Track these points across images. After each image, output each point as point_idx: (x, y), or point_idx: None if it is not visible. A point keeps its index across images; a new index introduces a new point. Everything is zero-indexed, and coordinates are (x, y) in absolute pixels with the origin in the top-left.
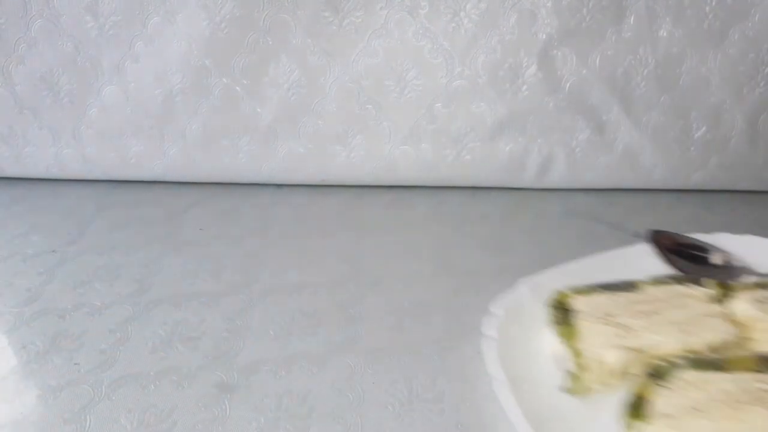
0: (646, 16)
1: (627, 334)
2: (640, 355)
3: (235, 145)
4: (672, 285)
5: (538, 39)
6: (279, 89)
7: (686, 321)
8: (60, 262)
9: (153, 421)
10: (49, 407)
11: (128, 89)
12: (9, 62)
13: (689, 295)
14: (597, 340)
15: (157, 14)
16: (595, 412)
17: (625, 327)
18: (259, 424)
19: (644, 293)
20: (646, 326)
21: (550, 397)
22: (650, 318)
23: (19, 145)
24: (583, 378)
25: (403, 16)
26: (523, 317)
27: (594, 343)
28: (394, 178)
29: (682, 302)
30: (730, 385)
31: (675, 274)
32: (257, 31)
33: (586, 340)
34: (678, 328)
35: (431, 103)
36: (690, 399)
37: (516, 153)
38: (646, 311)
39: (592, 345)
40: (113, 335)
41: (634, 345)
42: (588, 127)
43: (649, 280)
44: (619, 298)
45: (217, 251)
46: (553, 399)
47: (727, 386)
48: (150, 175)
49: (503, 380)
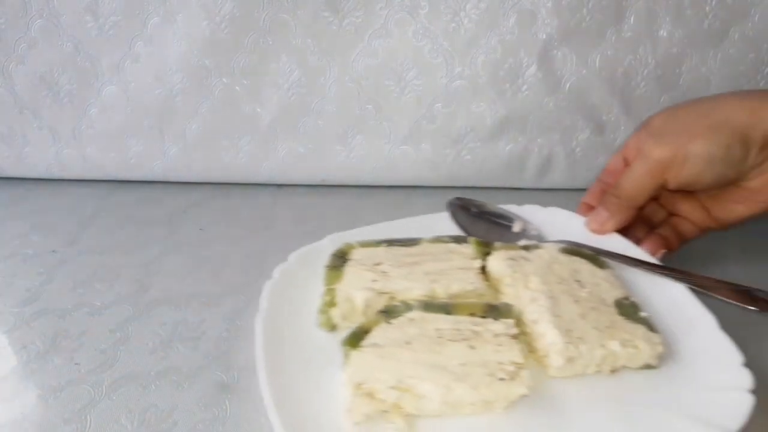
0: (646, 16)
1: (382, 279)
2: (384, 297)
3: (235, 145)
4: (448, 243)
5: (538, 39)
6: (279, 89)
7: (440, 272)
8: (60, 262)
9: (153, 421)
10: (50, 407)
11: (128, 89)
12: (9, 62)
13: (456, 252)
14: (355, 282)
15: (157, 14)
16: (335, 344)
17: (384, 274)
18: (260, 423)
19: (420, 248)
20: (403, 274)
21: (302, 330)
22: (410, 268)
23: (19, 145)
24: (329, 314)
25: (403, 16)
26: (309, 264)
27: (350, 285)
28: (394, 178)
29: (447, 257)
30: (446, 324)
31: (457, 235)
32: (257, 31)
33: (346, 282)
34: (429, 278)
35: (431, 103)
36: (404, 333)
37: (516, 153)
38: (409, 262)
39: (347, 286)
40: (113, 335)
41: (384, 288)
42: (588, 127)
43: (430, 239)
44: (394, 251)
45: (217, 251)
46: (303, 333)
47: (443, 325)
48: (150, 175)
49: (263, 312)
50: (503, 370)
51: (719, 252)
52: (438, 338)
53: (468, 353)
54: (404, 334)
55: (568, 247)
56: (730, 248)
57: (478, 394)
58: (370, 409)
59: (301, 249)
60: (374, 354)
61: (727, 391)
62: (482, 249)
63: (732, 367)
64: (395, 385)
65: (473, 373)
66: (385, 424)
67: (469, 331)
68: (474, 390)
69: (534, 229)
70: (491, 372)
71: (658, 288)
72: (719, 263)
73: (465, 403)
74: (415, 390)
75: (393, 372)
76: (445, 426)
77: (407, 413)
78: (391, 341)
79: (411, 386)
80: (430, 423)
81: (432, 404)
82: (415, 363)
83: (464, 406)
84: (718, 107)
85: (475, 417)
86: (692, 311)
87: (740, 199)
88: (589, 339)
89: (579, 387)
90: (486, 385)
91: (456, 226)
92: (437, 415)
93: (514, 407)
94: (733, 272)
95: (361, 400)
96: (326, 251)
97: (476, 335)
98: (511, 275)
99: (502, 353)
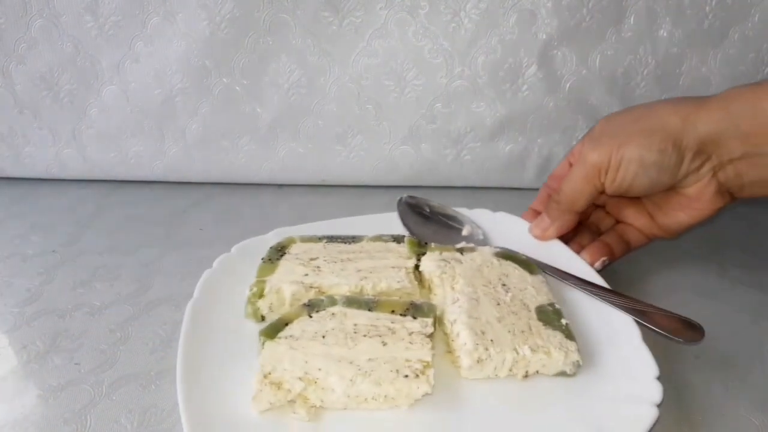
0: (646, 16)
1: (313, 274)
2: (312, 291)
3: (235, 145)
4: (387, 242)
5: (538, 39)
6: (279, 89)
7: (371, 269)
8: (60, 262)
9: (153, 421)
10: (50, 407)
11: (128, 89)
12: (9, 62)
13: (394, 250)
14: (286, 276)
15: (157, 14)
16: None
17: (317, 269)
18: None
19: (358, 246)
20: (335, 270)
21: (229, 320)
22: (343, 264)
23: (19, 145)
24: (256, 305)
25: (403, 16)
26: (250, 256)
27: (281, 278)
28: (394, 178)
29: (382, 255)
30: (365, 320)
31: (397, 234)
32: (257, 31)
33: (277, 275)
34: (360, 275)
35: (431, 103)
36: (322, 327)
37: (516, 153)
38: (343, 259)
39: (278, 279)
40: (113, 335)
41: (313, 283)
42: (588, 127)
43: (371, 237)
44: (333, 247)
45: (217, 251)
46: (231, 322)
47: (361, 321)
48: (150, 175)
49: (194, 300)
50: (410, 367)
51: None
52: (354, 333)
53: (379, 349)
54: (321, 327)
55: (503, 251)
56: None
57: (381, 389)
58: (276, 398)
59: (245, 241)
60: (287, 345)
61: (634, 403)
62: (417, 249)
63: (645, 380)
64: (302, 376)
65: (379, 368)
66: (290, 413)
67: (385, 328)
68: (377, 385)
69: (481, 234)
70: (397, 368)
71: (587, 297)
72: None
73: (368, 398)
74: (321, 382)
75: (301, 363)
76: (349, 419)
77: (312, 405)
78: (307, 334)
79: (317, 378)
80: (336, 415)
81: (336, 397)
82: (324, 356)
83: (368, 401)
84: (653, 113)
85: (380, 412)
86: (618, 321)
87: (680, 207)
88: (501, 342)
89: (489, 390)
90: (390, 381)
91: (401, 224)
92: (342, 407)
93: (419, 405)
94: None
95: (267, 389)
96: (269, 244)
97: (391, 332)
98: (440, 276)
99: (412, 351)
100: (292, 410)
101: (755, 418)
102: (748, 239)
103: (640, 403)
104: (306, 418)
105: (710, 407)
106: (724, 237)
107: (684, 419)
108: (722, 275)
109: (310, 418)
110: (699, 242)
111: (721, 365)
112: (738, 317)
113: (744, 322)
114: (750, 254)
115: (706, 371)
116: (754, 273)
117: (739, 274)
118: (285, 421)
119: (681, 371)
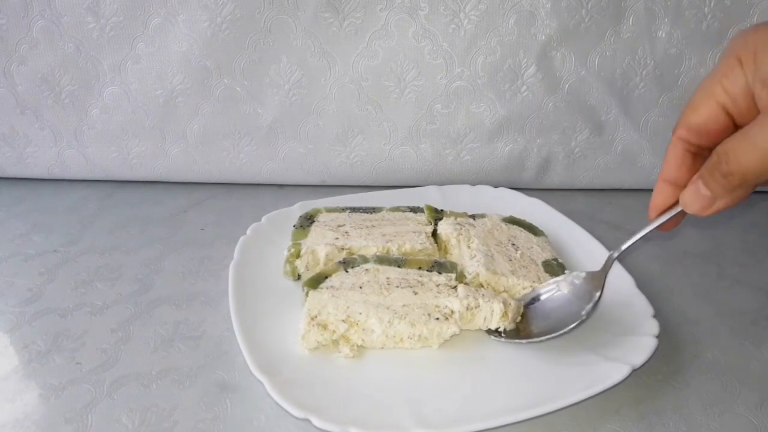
0: (644, 16)
1: (343, 238)
2: (344, 252)
3: (236, 145)
4: (405, 212)
5: (538, 40)
6: (279, 90)
7: (394, 234)
8: (61, 261)
9: (154, 421)
10: (51, 406)
11: (129, 90)
12: (10, 63)
13: (412, 219)
14: (318, 239)
15: (158, 15)
16: (297, 290)
17: (346, 234)
18: (260, 423)
19: (379, 215)
20: (362, 235)
21: (269, 277)
22: (369, 230)
23: (21, 146)
24: (294, 264)
25: (403, 18)
26: (279, 225)
27: (314, 241)
28: (394, 178)
29: (402, 222)
30: (396, 274)
31: (414, 206)
32: (258, 32)
33: (310, 238)
34: (385, 238)
35: (431, 103)
36: (358, 279)
37: (515, 153)
38: (368, 225)
39: (311, 242)
40: (115, 335)
41: (344, 245)
42: (587, 127)
43: (389, 208)
44: (356, 216)
45: (217, 251)
46: (270, 279)
47: (393, 275)
48: (151, 175)
49: (236, 261)
50: (439, 312)
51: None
52: (387, 285)
53: (411, 297)
54: (358, 280)
55: (509, 217)
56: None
57: (415, 329)
58: (323, 337)
59: (273, 212)
60: (329, 293)
61: (638, 336)
62: (434, 215)
63: (644, 318)
64: (345, 319)
65: (413, 312)
66: (335, 352)
67: (415, 281)
68: (412, 326)
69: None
70: (429, 312)
71: (586, 253)
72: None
73: (404, 337)
74: (363, 324)
75: (344, 308)
76: (387, 356)
77: (354, 344)
78: (346, 285)
79: (358, 320)
80: (375, 353)
81: (376, 336)
82: (364, 302)
83: (404, 340)
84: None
85: (414, 351)
86: (615, 272)
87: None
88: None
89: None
90: (423, 322)
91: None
92: (380, 346)
93: (447, 345)
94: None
95: (315, 330)
96: (296, 214)
97: (420, 284)
98: (456, 237)
99: (441, 299)
100: (337, 349)
101: (755, 418)
102: (748, 239)
103: (642, 336)
104: (351, 355)
105: (710, 407)
106: (724, 237)
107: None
108: (722, 275)
109: (354, 355)
110: (699, 242)
111: (720, 365)
112: (738, 317)
113: (744, 322)
114: (749, 254)
115: (706, 371)
116: (754, 273)
117: (738, 274)
118: (331, 358)
119: (681, 371)
